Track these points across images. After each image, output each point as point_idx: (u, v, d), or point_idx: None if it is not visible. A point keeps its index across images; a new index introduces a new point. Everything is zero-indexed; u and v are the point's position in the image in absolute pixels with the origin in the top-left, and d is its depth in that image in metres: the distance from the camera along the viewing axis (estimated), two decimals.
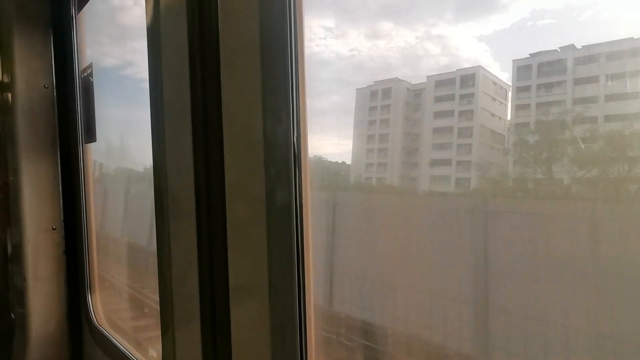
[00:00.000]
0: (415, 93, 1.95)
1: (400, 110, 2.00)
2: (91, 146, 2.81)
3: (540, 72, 1.39)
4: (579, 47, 1.25)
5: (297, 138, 1.19)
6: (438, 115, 1.84)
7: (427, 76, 1.82)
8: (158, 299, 1.58)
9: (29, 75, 2.65)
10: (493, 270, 1.50)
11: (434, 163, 1.82)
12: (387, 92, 2.02)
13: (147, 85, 1.56)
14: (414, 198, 1.93)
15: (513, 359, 1.55)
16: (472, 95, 1.67)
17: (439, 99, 1.81)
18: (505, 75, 1.49)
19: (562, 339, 1.30)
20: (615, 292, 1.17)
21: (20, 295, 2.72)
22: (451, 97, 1.75)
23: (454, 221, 1.66)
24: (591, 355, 1.25)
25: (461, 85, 1.69)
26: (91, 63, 2.64)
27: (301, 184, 1.19)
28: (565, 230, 1.28)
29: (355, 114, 2.07)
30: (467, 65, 1.57)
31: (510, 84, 1.47)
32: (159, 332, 1.59)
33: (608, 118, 1.23)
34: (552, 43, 1.26)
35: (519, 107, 1.48)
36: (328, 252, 2.16)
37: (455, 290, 1.68)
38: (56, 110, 2.74)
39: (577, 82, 1.31)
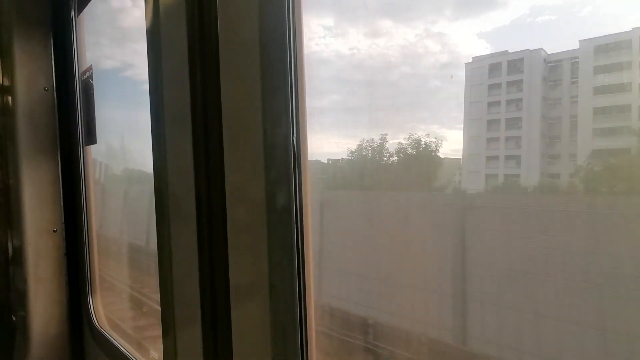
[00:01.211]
0: (553, 65, 1.43)
1: (538, 87, 1.50)
2: (92, 148, 2.81)
3: None
4: None
5: (297, 139, 1.19)
6: (602, 90, 1.32)
7: (580, 40, 1.32)
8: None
9: (29, 78, 2.66)
10: None
11: (598, 154, 1.31)
12: (515, 65, 1.52)
13: (147, 87, 1.56)
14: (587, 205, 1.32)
15: None
16: None
17: (603, 70, 1.29)
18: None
19: None
20: None
21: (22, 298, 2.72)
22: (626, 66, 1.21)
23: None
24: None
25: None
26: (91, 65, 2.64)
27: (301, 185, 1.19)
28: None
29: (465, 94, 1.56)
30: (467, 61, 1.54)
31: None
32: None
33: None
34: (552, 39, 1.25)
35: None
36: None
37: None
38: (56, 112, 2.74)
39: None
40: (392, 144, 1.79)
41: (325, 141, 1.95)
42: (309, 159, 1.25)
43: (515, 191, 1.62)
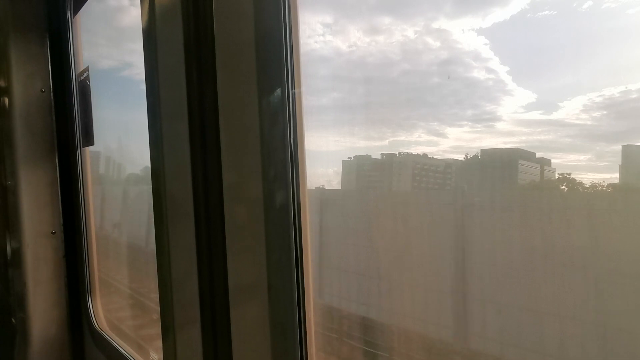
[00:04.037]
0: None
1: None
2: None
3: None
4: None
5: (294, 138, 1.18)
6: None
7: None
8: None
9: (25, 80, 2.65)
10: None
11: None
12: None
13: (144, 86, 1.55)
14: None
15: None
16: None
17: None
18: (505, 69, 1.47)
19: None
20: None
21: (21, 300, 2.71)
22: None
23: None
24: None
25: None
26: (88, 67, 2.63)
27: (299, 184, 1.19)
28: None
29: None
30: (467, 59, 1.54)
31: None
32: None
33: None
34: (553, 35, 1.24)
35: None
36: None
37: None
38: (54, 114, 2.73)
39: None
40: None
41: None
42: (358, 153, 1.17)
43: None
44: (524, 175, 1.48)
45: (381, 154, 1.86)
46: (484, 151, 1.54)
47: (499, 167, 1.54)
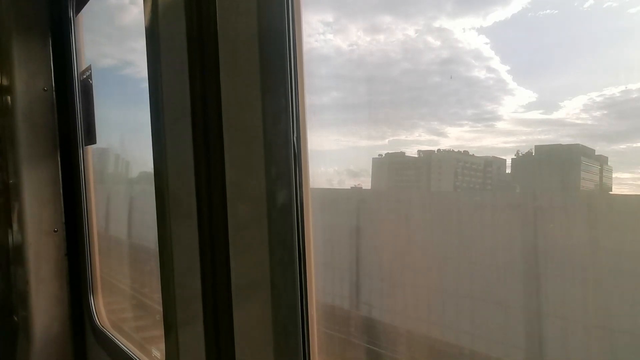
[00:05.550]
0: None
1: None
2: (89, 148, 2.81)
3: None
4: None
5: (297, 137, 1.19)
6: None
7: None
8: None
9: (28, 79, 2.66)
10: None
11: None
12: None
13: (146, 84, 1.56)
14: None
15: None
16: None
17: None
18: (506, 68, 1.47)
19: None
20: None
21: (23, 298, 2.72)
22: None
23: None
24: None
25: None
26: (90, 65, 2.64)
27: (302, 183, 1.19)
28: None
29: None
30: (468, 58, 1.54)
31: None
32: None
33: None
34: (554, 34, 1.25)
35: None
36: None
37: None
38: (56, 112, 2.74)
39: None
40: None
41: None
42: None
43: None
44: (588, 175, 1.29)
45: (418, 150, 1.69)
46: (538, 148, 1.34)
47: (559, 164, 1.33)
